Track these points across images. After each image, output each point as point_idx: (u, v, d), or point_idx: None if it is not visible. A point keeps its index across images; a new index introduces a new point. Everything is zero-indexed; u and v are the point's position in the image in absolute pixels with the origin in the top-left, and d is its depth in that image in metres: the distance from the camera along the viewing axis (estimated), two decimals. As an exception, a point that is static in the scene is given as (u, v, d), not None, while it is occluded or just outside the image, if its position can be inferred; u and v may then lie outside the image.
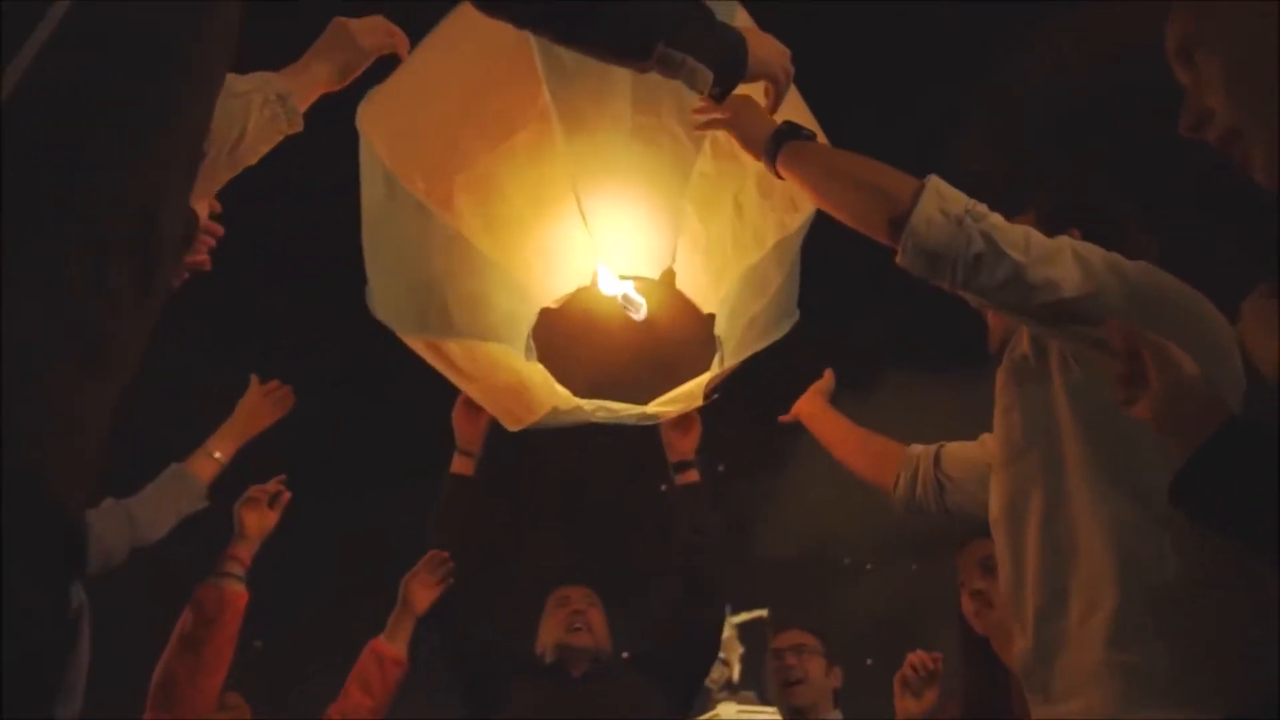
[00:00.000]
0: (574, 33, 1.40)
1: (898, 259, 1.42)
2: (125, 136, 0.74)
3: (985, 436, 1.84)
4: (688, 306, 1.98)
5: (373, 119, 1.98)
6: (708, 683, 21.06)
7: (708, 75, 1.44)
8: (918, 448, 2.05)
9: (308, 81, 1.59)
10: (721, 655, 21.88)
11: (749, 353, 2.10)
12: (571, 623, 2.62)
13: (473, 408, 2.57)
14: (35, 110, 0.73)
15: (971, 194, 1.42)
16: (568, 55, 1.69)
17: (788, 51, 1.60)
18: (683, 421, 2.67)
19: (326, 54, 1.63)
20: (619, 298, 1.90)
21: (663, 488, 2.81)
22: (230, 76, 1.43)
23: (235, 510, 2.37)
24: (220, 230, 1.65)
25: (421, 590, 2.54)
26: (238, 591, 2.30)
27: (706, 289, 1.95)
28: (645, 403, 2.10)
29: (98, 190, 0.71)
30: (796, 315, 2.25)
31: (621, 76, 1.73)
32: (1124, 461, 1.39)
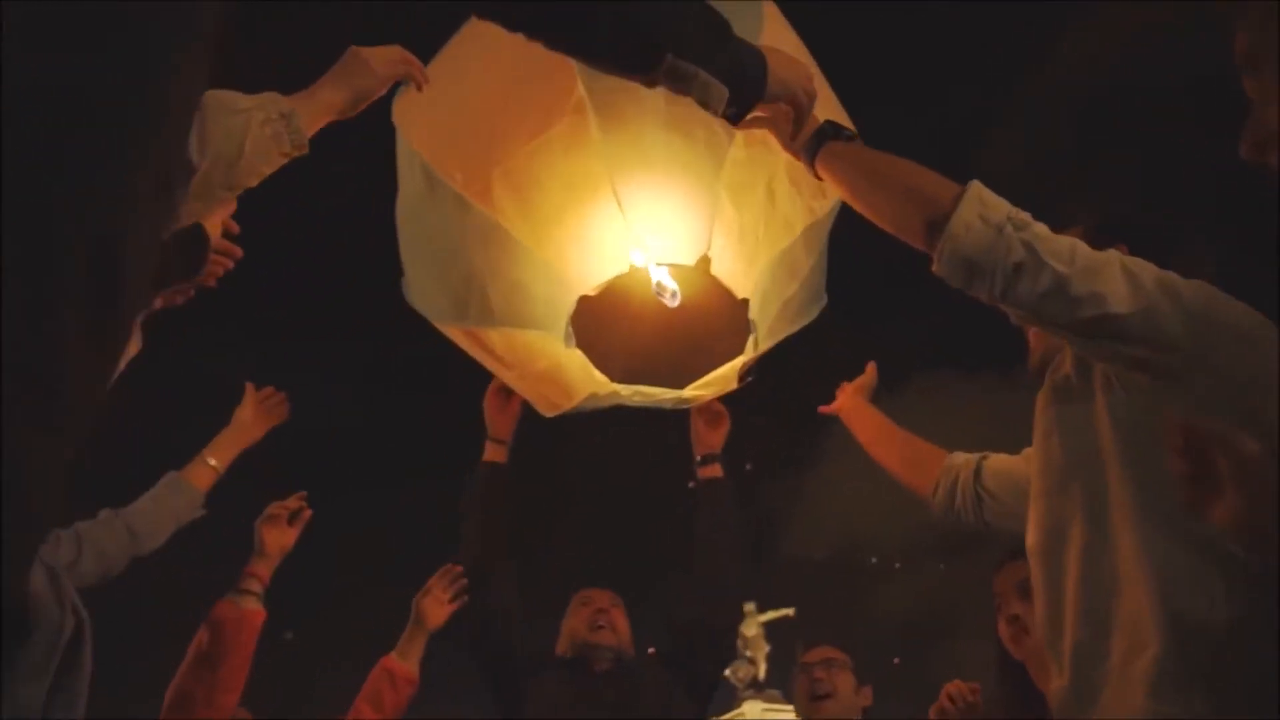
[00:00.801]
0: (571, 38, 1.31)
1: (934, 267, 1.36)
2: (83, 142, 0.63)
3: (1028, 451, 1.74)
4: (721, 292, 1.98)
5: (409, 114, 2.01)
6: (734, 681, 21.03)
7: (722, 92, 1.36)
8: (959, 456, 2.00)
9: (317, 106, 1.51)
10: (748, 653, 21.83)
11: (782, 336, 2.12)
12: (595, 621, 2.61)
13: (504, 395, 2.57)
14: None
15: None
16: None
17: (810, 73, 1.54)
18: (712, 414, 2.68)
19: (340, 80, 1.56)
20: (654, 284, 1.90)
21: (691, 485, 2.80)
22: (232, 94, 1.39)
23: (256, 528, 2.34)
24: (239, 252, 1.62)
25: (435, 607, 2.49)
26: (255, 610, 2.27)
27: (740, 274, 1.96)
28: (680, 388, 2.11)
29: (41, 208, 0.60)
30: (825, 300, 2.25)
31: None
32: (1171, 494, 1.25)
